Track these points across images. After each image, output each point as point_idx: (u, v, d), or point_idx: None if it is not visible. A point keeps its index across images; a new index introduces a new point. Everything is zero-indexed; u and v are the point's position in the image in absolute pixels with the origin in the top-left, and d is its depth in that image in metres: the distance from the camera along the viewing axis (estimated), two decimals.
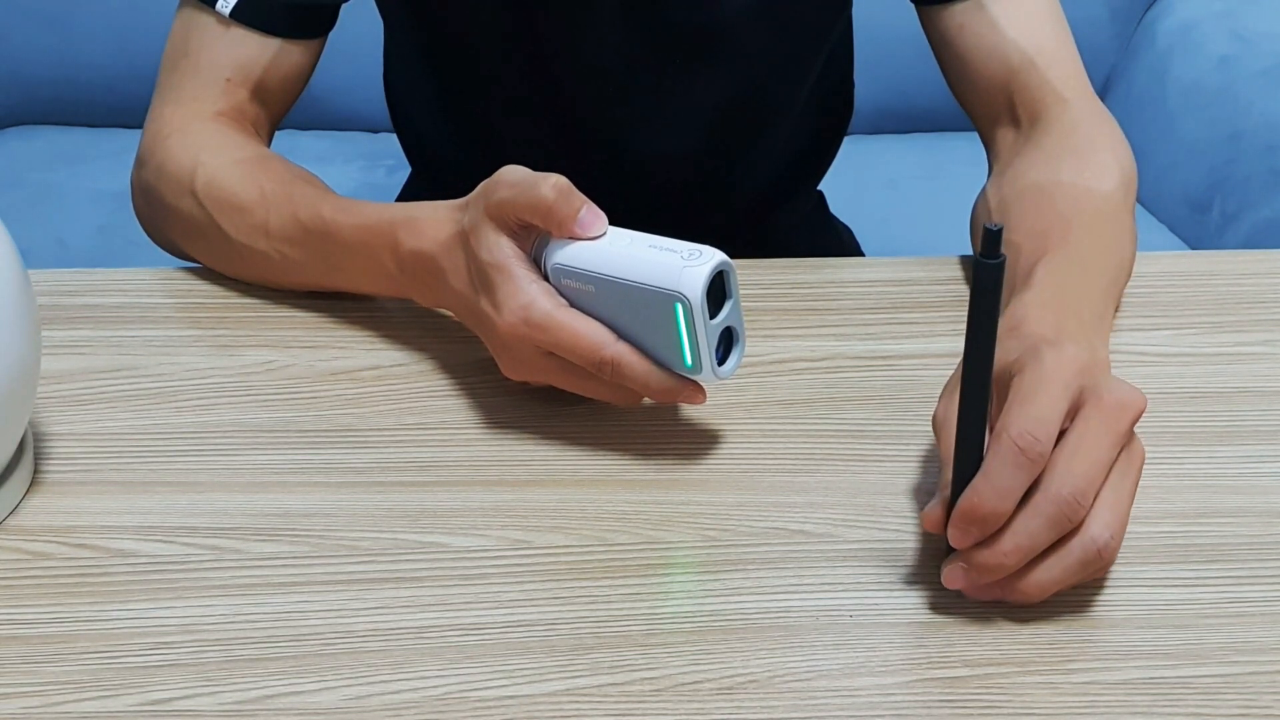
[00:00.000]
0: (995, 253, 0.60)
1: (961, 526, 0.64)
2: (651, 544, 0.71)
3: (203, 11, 0.94)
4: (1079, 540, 0.64)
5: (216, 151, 0.91)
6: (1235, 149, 1.63)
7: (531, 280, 0.74)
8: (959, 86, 0.98)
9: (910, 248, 1.51)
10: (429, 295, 0.82)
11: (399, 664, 0.64)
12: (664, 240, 0.73)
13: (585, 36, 0.99)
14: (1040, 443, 0.63)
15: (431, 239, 0.79)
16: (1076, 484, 0.64)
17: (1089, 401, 0.66)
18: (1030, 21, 0.95)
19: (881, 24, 1.31)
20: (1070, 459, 0.64)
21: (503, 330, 0.74)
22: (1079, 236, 0.82)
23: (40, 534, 0.72)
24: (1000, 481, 0.63)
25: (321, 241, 0.85)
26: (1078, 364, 0.66)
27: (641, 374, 0.73)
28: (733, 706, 0.62)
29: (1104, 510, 0.65)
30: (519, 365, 0.77)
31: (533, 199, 0.73)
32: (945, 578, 0.66)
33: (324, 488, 0.75)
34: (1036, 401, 0.65)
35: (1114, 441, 0.65)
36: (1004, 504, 0.64)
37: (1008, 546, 0.64)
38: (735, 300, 0.73)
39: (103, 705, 0.62)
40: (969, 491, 0.64)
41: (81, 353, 0.85)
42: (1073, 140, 0.90)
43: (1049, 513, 0.63)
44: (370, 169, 1.76)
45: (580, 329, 0.73)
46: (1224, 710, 0.62)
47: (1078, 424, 0.65)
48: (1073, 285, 0.78)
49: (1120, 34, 1.86)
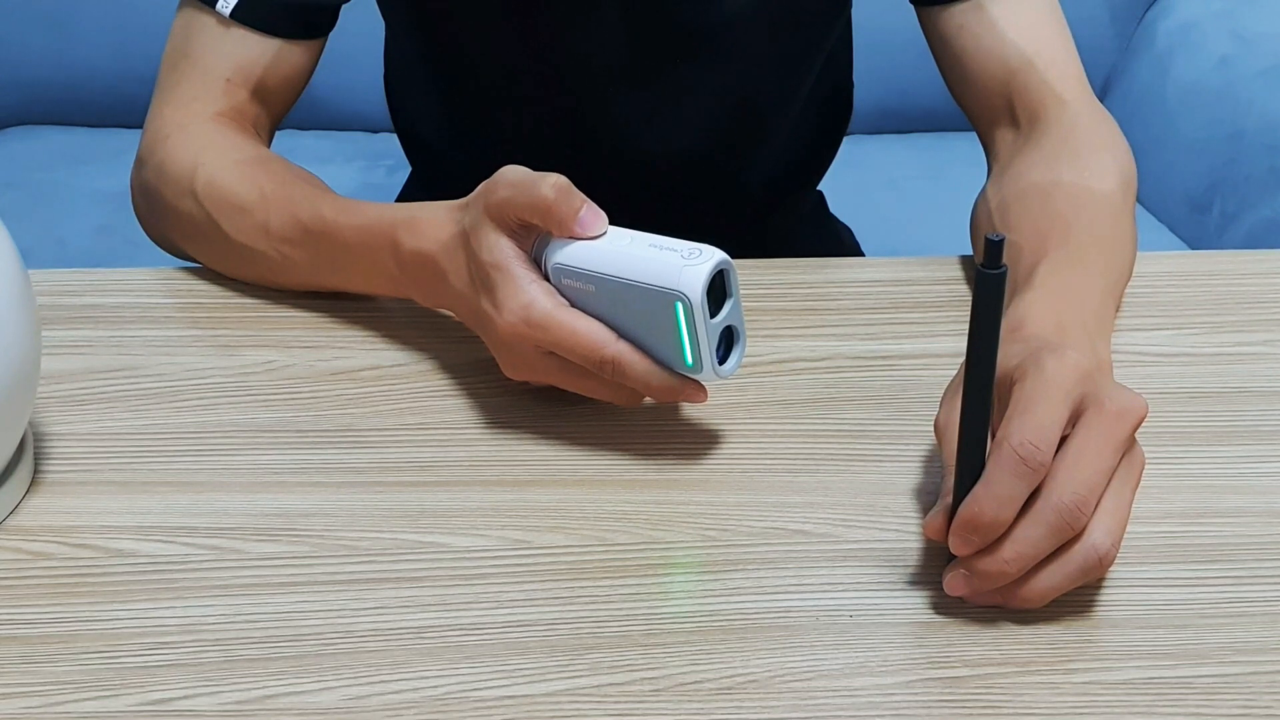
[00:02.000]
0: (997, 263, 0.60)
1: (963, 535, 0.64)
2: (651, 544, 0.71)
3: (203, 12, 0.94)
4: (1080, 547, 0.64)
5: (217, 152, 0.91)
6: (1235, 149, 1.63)
7: (532, 280, 0.74)
8: (958, 87, 0.98)
9: (910, 248, 1.51)
10: (429, 295, 0.82)
11: (399, 664, 0.64)
12: (664, 240, 0.73)
13: (586, 36, 0.99)
14: (1041, 451, 0.63)
15: (432, 239, 0.79)
16: (1078, 491, 0.63)
17: (1090, 408, 0.65)
18: (1030, 23, 0.94)
19: (881, 24, 1.32)
20: (1072, 467, 0.64)
21: (503, 330, 0.74)
22: (1079, 237, 0.82)
23: (40, 534, 0.72)
24: (1001, 490, 0.63)
25: (322, 242, 0.85)
26: (1079, 370, 0.66)
27: (642, 373, 0.73)
28: (733, 706, 0.62)
29: (1105, 517, 0.64)
30: (520, 365, 0.77)
31: (533, 198, 0.73)
32: (947, 585, 0.66)
33: (324, 488, 0.75)
34: (1037, 410, 0.64)
35: (1115, 449, 0.65)
36: (1005, 512, 0.63)
37: (1009, 554, 0.64)
38: (736, 299, 0.73)
39: (103, 705, 0.62)
40: (970, 500, 0.64)
41: (81, 353, 0.85)
42: (1072, 141, 0.90)
43: (1051, 520, 0.63)
44: (370, 169, 1.77)
45: (580, 328, 0.73)
46: (1224, 710, 0.62)
47: (1079, 431, 0.65)
48: (1074, 286, 0.78)
49: (1120, 34, 1.86)
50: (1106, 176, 0.87)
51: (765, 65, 1.03)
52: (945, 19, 0.96)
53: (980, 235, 0.90)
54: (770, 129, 1.08)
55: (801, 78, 1.07)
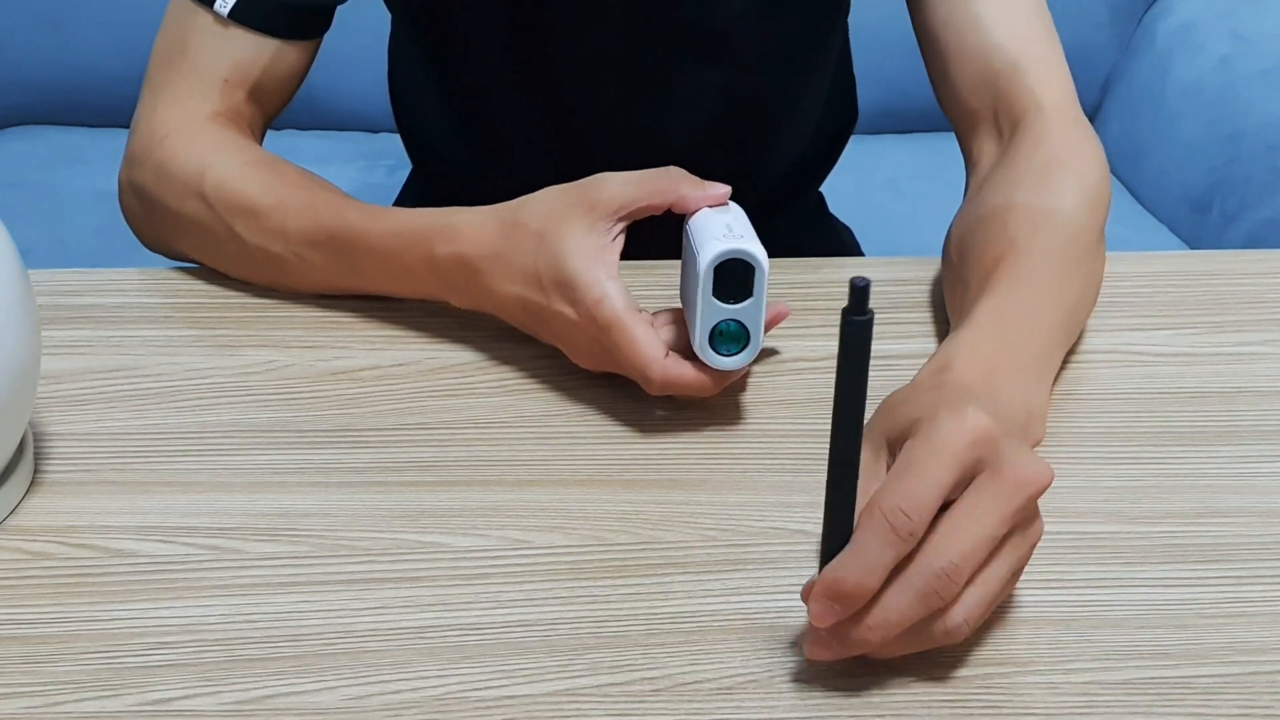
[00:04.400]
0: (863, 309, 0.56)
1: (824, 602, 0.60)
2: (651, 544, 0.71)
3: (199, 10, 0.94)
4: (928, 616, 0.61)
5: (226, 153, 0.91)
6: (1235, 149, 1.63)
7: (610, 277, 0.76)
8: (941, 88, 0.96)
9: (910, 248, 1.51)
10: (467, 298, 0.83)
11: (399, 664, 0.64)
12: (743, 223, 0.78)
13: (588, 37, 0.99)
14: (911, 521, 0.59)
15: (475, 243, 0.80)
16: (951, 559, 0.59)
17: (985, 473, 0.61)
18: (1015, 21, 0.92)
19: (882, 25, 1.32)
20: (949, 533, 0.60)
21: (577, 321, 0.77)
22: (1031, 264, 0.79)
23: (40, 534, 0.72)
24: (868, 557, 0.59)
25: (347, 247, 0.85)
26: (977, 432, 0.61)
27: (695, 385, 0.77)
28: (733, 706, 0.62)
29: (969, 591, 0.61)
30: (587, 356, 0.79)
31: (657, 186, 0.78)
32: (808, 650, 0.63)
33: (324, 488, 0.75)
34: (915, 475, 0.60)
35: (1003, 519, 0.61)
36: (870, 580, 0.59)
37: (873, 622, 0.60)
38: (758, 302, 0.75)
39: (103, 705, 0.62)
40: (834, 564, 0.60)
41: (81, 353, 0.85)
42: (1037, 157, 0.86)
43: (919, 587, 0.59)
44: (370, 169, 1.77)
45: (639, 338, 0.76)
46: (1224, 710, 0.62)
47: (967, 495, 0.61)
48: (1016, 323, 0.75)
49: (1120, 34, 1.86)
50: (1066, 194, 0.84)
51: (769, 65, 1.03)
52: (930, 12, 0.95)
53: (949, 265, 0.87)
54: (774, 132, 1.08)
55: (806, 77, 1.07)
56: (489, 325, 0.86)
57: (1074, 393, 0.82)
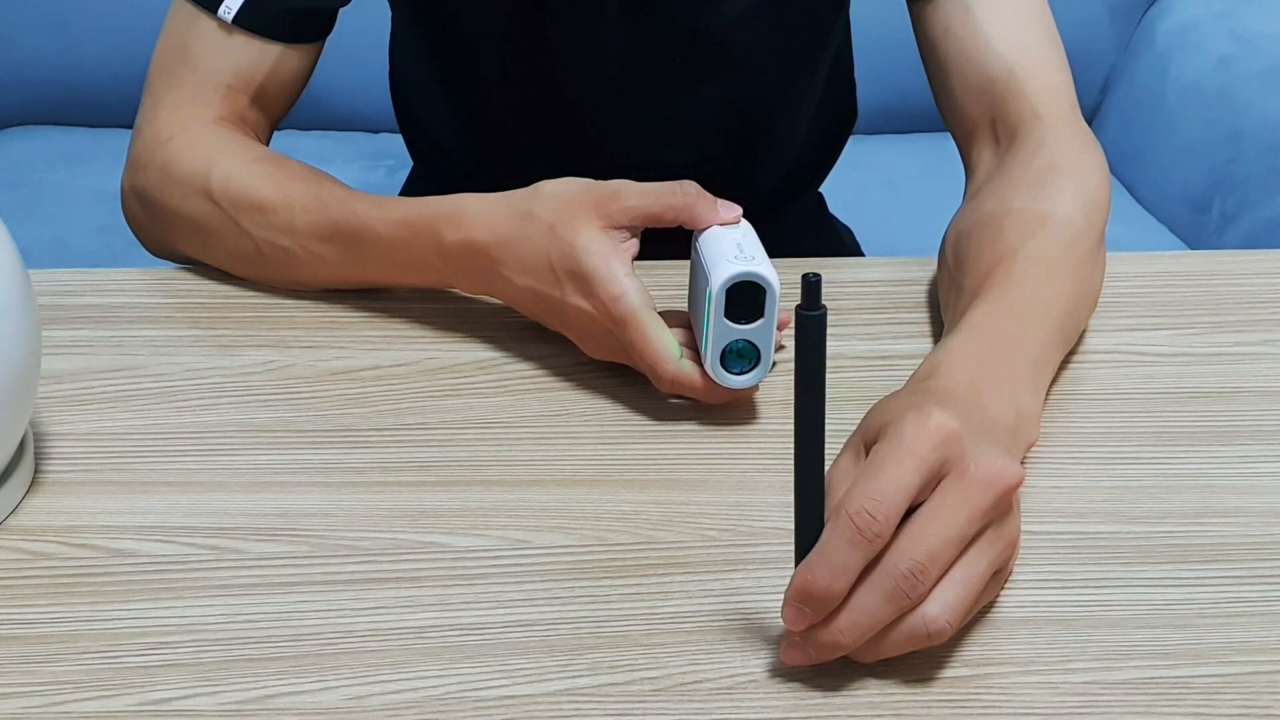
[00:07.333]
0: (815, 304, 0.57)
1: (796, 606, 0.60)
2: (651, 544, 0.71)
3: (201, 16, 0.94)
4: (911, 618, 0.61)
5: (231, 152, 0.91)
6: (1235, 149, 1.63)
7: (627, 274, 0.78)
8: (940, 97, 0.96)
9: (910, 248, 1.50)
10: (476, 283, 0.84)
11: (399, 664, 0.64)
12: (754, 244, 0.78)
13: (589, 38, 0.99)
14: (878, 522, 0.59)
15: (485, 230, 0.81)
16: (916, 559, 0.60)
17: (952, 473, 0.61)
18: (1016, 27, 0.92)
19: (882, 25, 1.31)
20: (916, 533, 0.60)
21: (589, 314, 0.78)
22: (1025, 270, 0.78)
23: (40, 534, 0.72)
24: (836, 559, 0.59)
25: (355, 238, 0.85)
26: (942, 433, 0.61)
27: (703, 391, 0.78)
28: (732, 706, 0.62)
29: (947, 588, 0.61)
30: (600, 347, 0.80)
31: (670, 200, 0.79)
32: (784, 655, 0.63)
33: (324, 488, 0.75)
34: (881, 476, 0.60)
35: (971, 517, 0.61)
36: (839, 583, 0.60)
37: (844, 624, 0.60)
38: (769, 323, 0.76)
39: (103, 705, 0.62)
40: (803, 567, 0.60)
41: (81, 353, 0.85)
42: (1034, 164, 0.86)
43: (885, 588, 0.60)
44: (370, 169, 1.77)
45: (653, 336, 0.77)
46: (1224, 710, 0.62)
47: (934, 496, 0.61)
48: (1007, 329, 0.75)
49: (1120, 34, 1.86)
50: (1063, 199, 0.83)
51: (769, 67, 1.03)
52: (932, 17, 0.94)
53: (944, 270, 0.86)
54: (774, 134, 1.08)
55: (806, 78, 1.07)
56: (489, 325, 0.86)
57: (1074, 393, 0.82)
